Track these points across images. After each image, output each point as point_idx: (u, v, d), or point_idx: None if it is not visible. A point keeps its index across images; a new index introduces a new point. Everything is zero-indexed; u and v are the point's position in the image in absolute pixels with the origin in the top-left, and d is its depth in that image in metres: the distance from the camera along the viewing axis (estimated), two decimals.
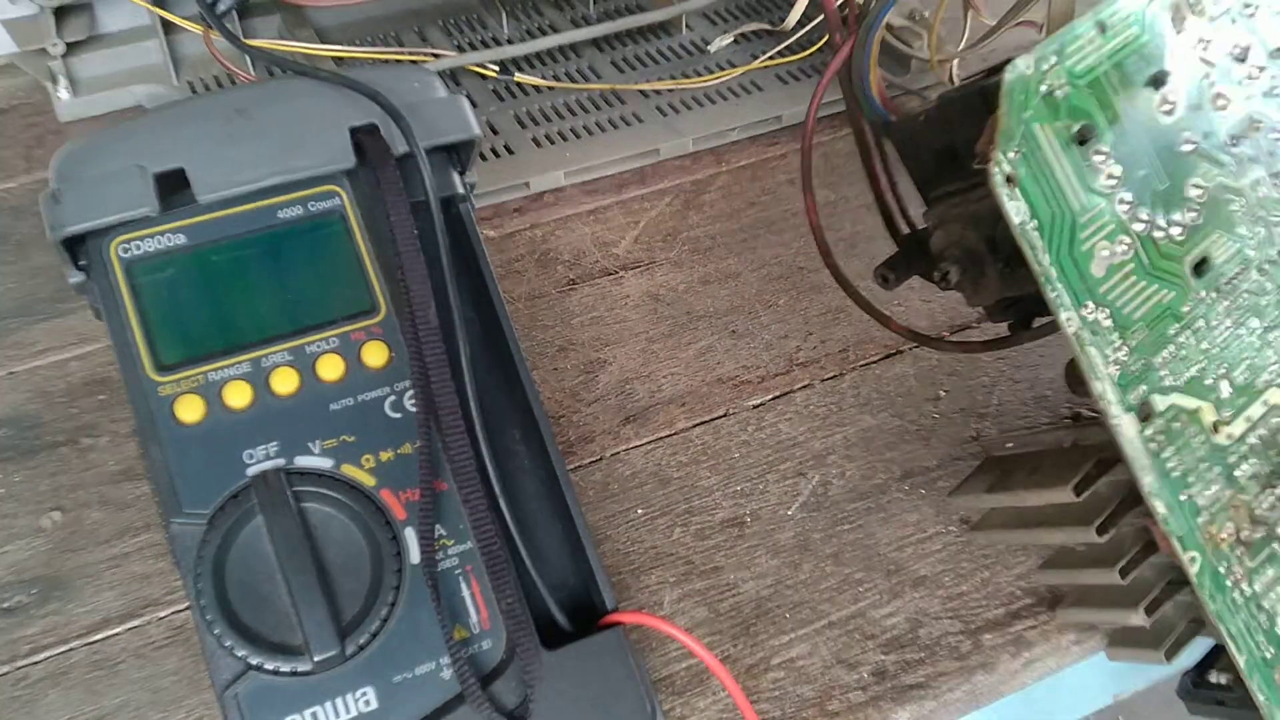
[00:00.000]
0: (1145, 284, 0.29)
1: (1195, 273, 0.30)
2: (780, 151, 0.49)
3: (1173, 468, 0.29)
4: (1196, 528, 0.29)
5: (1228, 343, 0.30)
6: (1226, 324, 0.30)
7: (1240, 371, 0.30)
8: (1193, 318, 0.30)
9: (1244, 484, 0.30)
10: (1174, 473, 0.29)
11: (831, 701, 0.32)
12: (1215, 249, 0.30)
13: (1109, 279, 0.29)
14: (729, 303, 0.43)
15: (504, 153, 0.48)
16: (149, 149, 0.31)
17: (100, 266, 0.30)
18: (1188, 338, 0.30)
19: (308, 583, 0.27)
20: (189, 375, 0.29)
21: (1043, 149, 0.28)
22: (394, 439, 0.30)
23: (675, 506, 0.37)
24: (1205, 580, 0.29)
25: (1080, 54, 0.29)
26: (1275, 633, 0.30)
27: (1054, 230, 0.28)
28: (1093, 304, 0.29)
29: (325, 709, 0.27)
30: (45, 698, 0.32)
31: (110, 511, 0.36)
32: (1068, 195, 0.28)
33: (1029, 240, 0.28)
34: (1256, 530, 0.30)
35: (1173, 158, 0.30)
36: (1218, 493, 0.30)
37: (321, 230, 0.31)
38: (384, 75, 0.33)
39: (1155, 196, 0.29)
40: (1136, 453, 0.29)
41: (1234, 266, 0.30)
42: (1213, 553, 0.30)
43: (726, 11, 0.56)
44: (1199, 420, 0.30)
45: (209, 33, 0.45)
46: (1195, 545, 0.29)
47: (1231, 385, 0.30)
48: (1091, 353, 0.29)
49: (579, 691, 0.29)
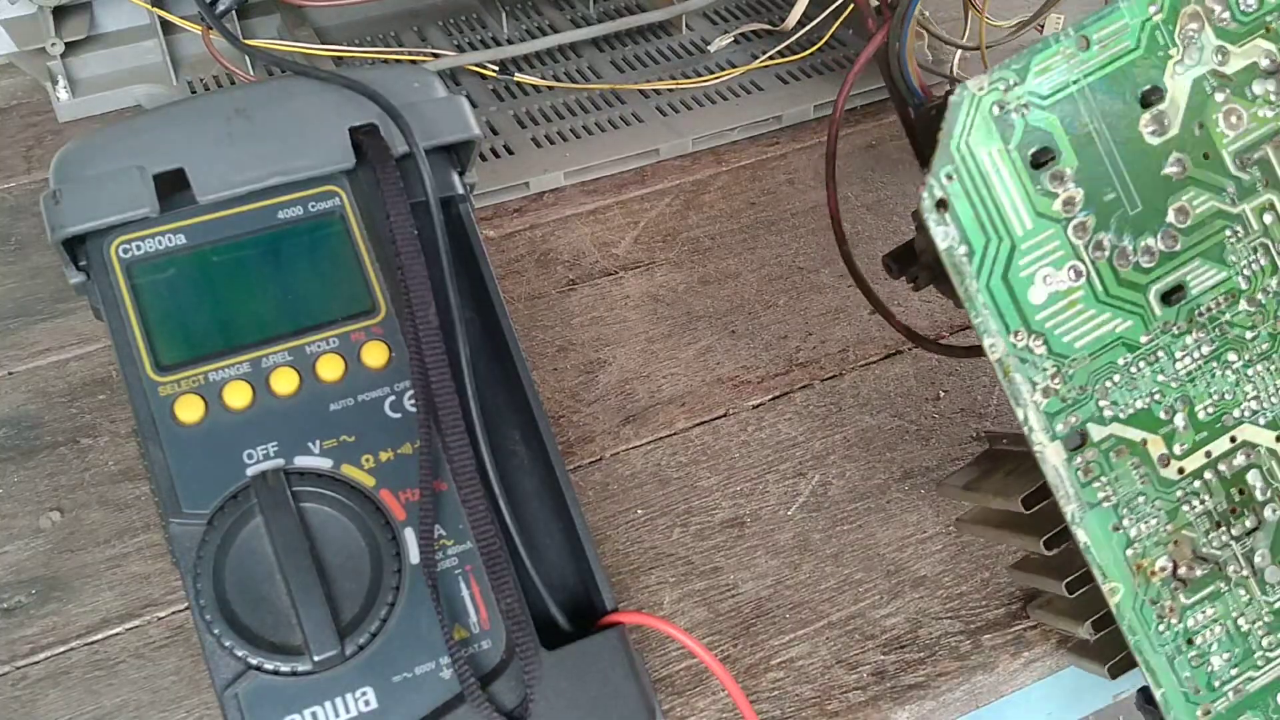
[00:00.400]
0: (1095, 312, 0.28)
1: (1164, 301, 0.29)
2: (780, 152, 0.49)
3: (1105, 498, 0.29)
4: (1124, 559, 0.29)
5: (1193, 375, 0.29)
6: (1195, 356, 0.29)
7: (1205, 405, 0.29)
8: (1152, 348, 0.29)
9: (1191, 520, 0.29)
10: (1105, 503, 0.29)
11: (831, 702, 0.32)
12: (1194, 278, 0.29)
13: (1049, 305, 0.28)
14: (729, 303, 0.43)
15: (504, 153, 0.48)
16: (149, 149, 0.31)
17: (100, 267, 0.30)
18: (1141, 369, 0.29)
19: (307, 583, 0.27)
20: (189, 375, 0.29)
21: (985, 172, 0.27)
22: (394, 439, 0.30)
23: (675, 507, 0.37)
24: (1126, 611, 0.29)
25: (1052, 71, 0.28)
26: (1204, 671, 0.29)
27: (987, 256, 0.27)
28: (1025, 331, 0.28)
29: (325, 709, 0.27)
30: (45, 698, 0.32)
31: (110, 512, 0.36)
32: (1010, 221, 0.27)
33: (955, 265, 0.27)
34: (1199, 567, 0.29)
35: (1153, 180, 0.28)
36: (1156, 526, 0.29)
37: (321, 230, 0.31)
38: (383, 75, 0.33)
39: (1123, 221, 0.28)
40: (1060, 481, 0.28)
41: (1215, 297, 0.29)
42: (1141, 585, 0.29)
43: (727, 11, 0.56)
44: (1144, 452, 0.29)
45: (208, 32, 0.45)
46: (1119, 576, 0.29)
47: (1191, 419, 0.29)
48: (1017, 379, 0.28)
49: (578, 692, 0.29)
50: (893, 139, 0.50)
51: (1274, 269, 0.29)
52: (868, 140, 0.50)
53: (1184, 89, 0.28)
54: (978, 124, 0.27)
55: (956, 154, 0.27)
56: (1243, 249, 0.29)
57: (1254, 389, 0.30)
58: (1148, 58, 0.28)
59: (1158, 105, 0.28)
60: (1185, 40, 0.28)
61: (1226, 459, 0.29)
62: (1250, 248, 0.29)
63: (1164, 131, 0.28)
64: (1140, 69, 0.28)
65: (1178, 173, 0.28)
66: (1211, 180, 0.29)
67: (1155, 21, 0.28)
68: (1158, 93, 0.28)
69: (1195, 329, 0.29)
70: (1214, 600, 0.30)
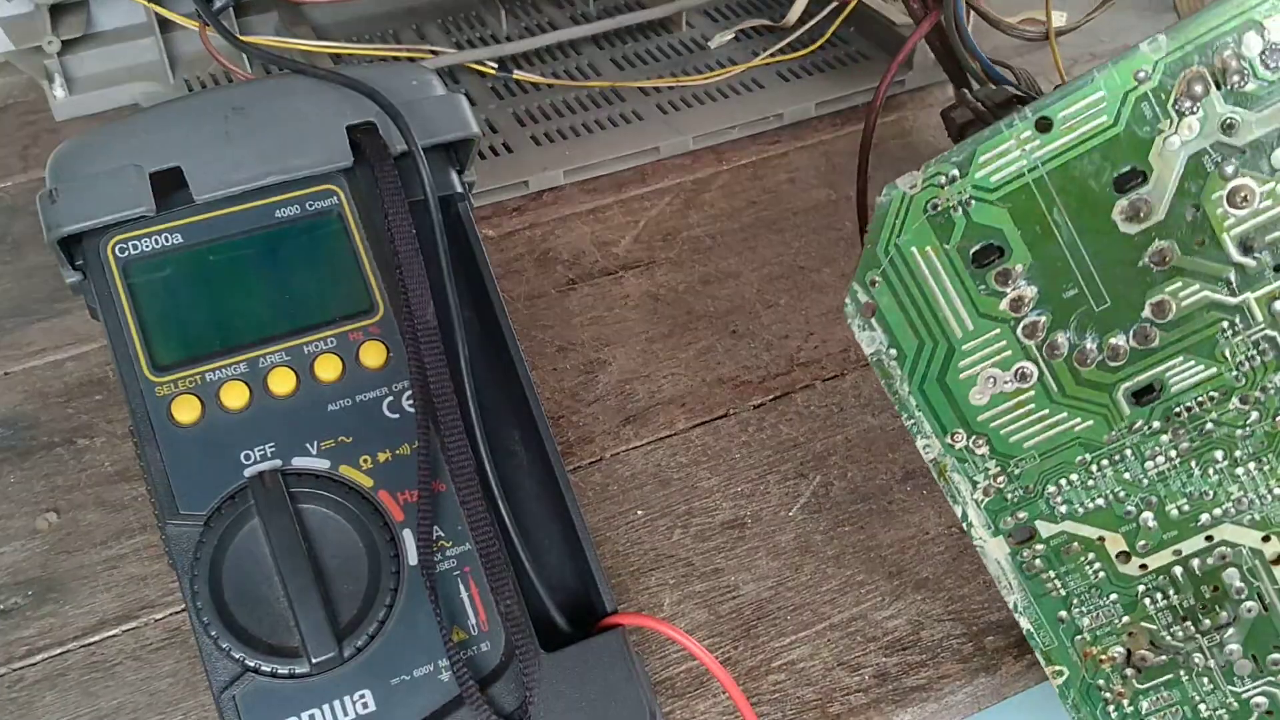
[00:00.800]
0: (1049, 413, 0.27)
1: (1135, 400, 0.26)
2: (782, 150, 0.49)
3: (1052, 589, 0.28)
4: (1071, 645, 0.28)
5: (1165, 476, 0.27)
6: (1170, 456, 0.27)
7: (1179, 504, 0.27)
8: (1116, 447, 0.27)
9: (1152, 613, 0.28)
10: (1053, 593, 0.28)
11: (833, 704, 0.32)
12: (1174, 375, 0.26)
13: (993, 407, 0.26)
14: (730, 302, 0.43)
15: (503, 151, 0.47)
16: (145, 148, 0.31)
17: (97, 266, 0.30)
18: (1103, 467, 0.27)
19: (305, 584, 0.27)
20: (186, 375, 0.29)
21: (918, 274, 0.25)
22: (392, 440, 0.29)
23: (675, 508, 0.36)
24: (1070, 692, 0.28)
25: (1001, 162, 0.25)
26: None
27: (921, 359, 0.26)
28: (964, 432, 0.27)
29: (323, 711, 0.27)
30: (41, 700, 0.32)
31: (106, 513, 0.36)
32: (948, 324, 0.26)
33: (883, 369, 0.26)
34: (1159, 655, 0.28)
35: (1127, 272, 0.25)
36: (1110, 618, 0.28)
37: (319, 229, 0.31)
38: (382, 73, 0.33)
39: (1086, 318, 0.26)
40: (1001, 573, 0.28)
41: (1200, 395, 0.26)
42: (1088, 670, 0.29)
43: (727, 8, 0.56)
44: (1100, 549, 0.28)
45: (205, 30, 0.45)
46: (1065, 661, 0.28)
47: (1160, 518, 0.27)
48: (955, 479, 0.27)
49: (578, 694, 0.29)
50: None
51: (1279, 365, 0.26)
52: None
53: (1175, 167, 0.25)
54: (909, 224, 0.25)
55: (884, 256, 0.25)
56: (1240, 343, 0.26)
57: (1240, 489, 0.27)
58: (1128, 135, 0.25)
59: (1138, 189, 0.25)
60: (1181, 110, 0.24)
61: (1200, 556, 0.28)
62: (1249, 342, 0.26)
63: (1144, 218, 0.25)
64: (1117, 148, 0.25)
65: (1158, 263, 0.25)
66: (1204, 269, 0.25)
67: (1142, 91, 0.24)
68: (1138, 175, 0.25)
69: (1172, 428, 0.27)
70: (1173, 687, 0.29)
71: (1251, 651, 0.28)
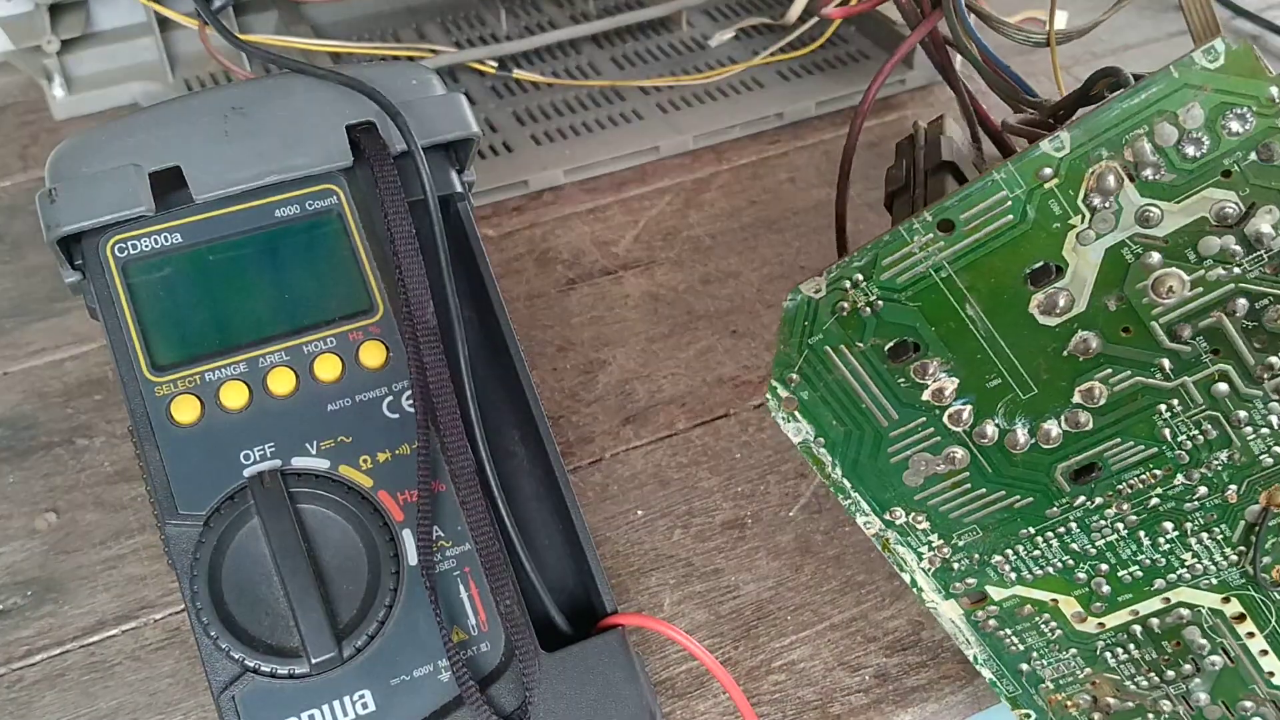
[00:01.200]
0: (985, 491, 0.26)
1: (1074, 479, 0.26)
2: (782, 149, 0.49)
3: (1010, 645, 0.28)
4: (1036, 693, 0.28)
5: (1114, 545, 0.27)
6: (1117, 528, 0.26)
7: (1129, 571, 0.27)
8: (1060, 520, 0.27)
9: (1114, 666, 0.28)
10: (1012, 648, 0.28)
11: (833, 704, 0.32)
12: (1113, 455, 0.26)
13: (928, 488, 0.26)
14: (730, 302, 0.43)
15: (503, 150, 0.47)
16: (145, 147, 0.31)
17: (96, 266, 0.30)
18: (1049, 539, 0.27)
19: (304, 585, 0.27)
20: (185, 375, 0.29)
21: (834, 371, 0.25)
22: (391, 440, 0.29)
23: (675, 508, 0.36)
24: None
25: (904, 265, 0.24)
26: None
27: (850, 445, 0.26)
28: (903, 511, 0.26)
29: (322, 711, 0.27)
30: (41, 700, 0.31)
31: (106, 513, 0.36)
32: (872, 415, 0.26)
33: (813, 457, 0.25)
34: (1126, 701, 0.28)
35: (1052, 361, 0.25)
36: (1072, 669, 0.28)
37: (318, 229, 0.31)
38: (381, 72, 0.33)
39: (1013, 405, 0.25)
40: (958, 630, 0.27)
41: (1141, 473, 0.26)
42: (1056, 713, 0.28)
43: (727, 7, 0.56)
44: (1055, 610, 0.27)
45: (205, 29, 0.45)
46: (1031, 706, 0.28)
47: (1114, 582, 0.27)
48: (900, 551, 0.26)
49: (578, 694, 0.28)
50: (896, 137, 0.50)
51: (1225, 442, 0.25)
52: (869, 139, 0.50)
53: (1092, 261, 0.24)
54: (819, 325, 0.25)
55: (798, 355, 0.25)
56: (1181, 424, 0.25)
57: (1194, 557, 0.27)
58: (1036, 232, 0.24)
59: (1053, 283, 0.24)
60: (1093, 205, 0.23)
61: (1159, 616, 0.28)
62: (1191, 422, 0.25)
63: (1064, 310, 0.24)
64: (1027, 246, 0.24)
65: (1083, 352, 0.25)
66: (1133, 356, 0.25)
67: (1048, 189, 0.23)
68: (1051, 270, 0.24)
69: (1118, 501, 0.26)
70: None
71: (1220, 699, 0.28)
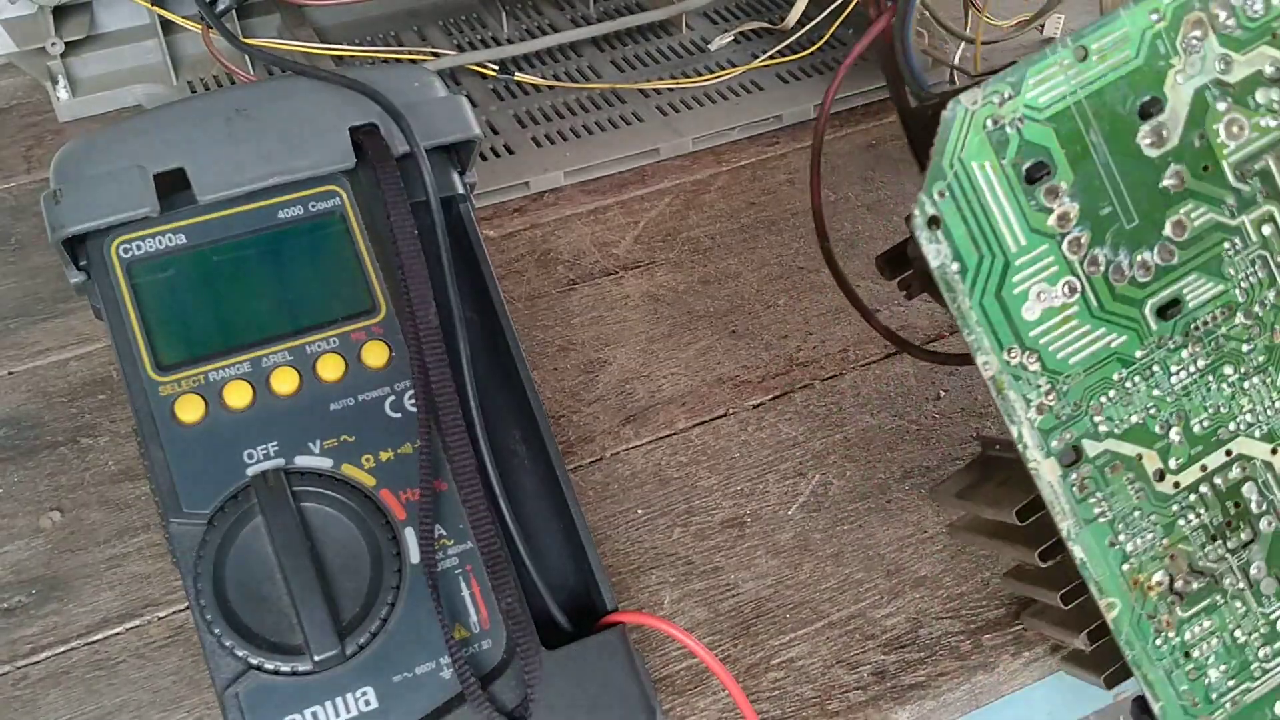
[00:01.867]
0: (1090, 328, 0.28)
1: (1160, 315, 0.28)
2: (781, 151, 0.49)
3: (1100, 513, 0.28)
4: (1120, 574, 0.29)
5: (1189, 390, 0.29)
6: (1191, 370, 0.29)
7: (1201, 419, 0.29)
8: (1147, 363, 0.28)
9: (1187, 534, 0.29)
10: (1101, 519, 0.28)
11: (832, 701, 0.32)
12: (1190, 292, 0.28)
13: (1043, 322, 0.27)
14: (729, 303, 0.43)
15: (504, 152, 0.48)
16: (149, 149, 0.31)
17: (101, 266, 0.30)
18: (1136, 383, 0.28)
19: (307, 582, 0.27)
20: (189, 375, 0.29)
21: (979, 188, 0.27)
22: (394, 439, 0.30)
23: (675, 507, 0.37)
24: (1123, 627, 0.29)
25: (1048, 85, 0.27)
26: (1202, 684, 0.29)
27: (980, 273, 0.27)
28: (1018, 348, 0.27)
29: (325, 709, 0.27)
30: (46, 697, 0.32)
31: (110, 511, 0.36)
32: (1004, 237, 0.27)
33: (947, 282, 0.27)
34: (1195, 581, 0.29)
35: (1151, 193, 0.28)
36: (1152, 541, 0.29)
37: (321, 230, 0.31)
38: (384, 75, 0.33)
39: (1119, 235, 0.28)
40: (1055, 497, 0.28)
41: (1212, 310, 0.29)
42: (1138, 600, 0.29)
43: (727, 10, 0.56)
44: (1139, 467, 0.29)
45: (208, 32, 0.45)
46: (1116, 592, 0.29)
47: (1186, 433, 0.29)
48: (1010, 396, 0.27)
49: (579, 691, 0.29)
50: (893, 139, 0.50)
51: (1272, 281, 0.29)
52: (868, 140, 0.50)
53: (1185, 99, 0.28)
54: (971, 139, 0.27)
55: (949, 170, 0.27)
56: (1241, 262, 0.29)
57: (1249, 402, 0.29)
58: (1147, 67, 0.27)
59: (1156, 117, 0.28)
60: (1187, 48, 0.27)
61: (1222, 472, 0.29)
62: (1248, 260, 0.29)
63: (1162, 143, 0.28)
64: (1139, 79, 0.27)
65: (1175, 185, 0.28)
66: (1210, 192, 0.28)
67: (1157, 29, 0.27)
68: (1157, 104, 0.28)
69: (1191, 343, 0.29)
70: (1211, 613, 0.29)
71: (1275, 570, 0.30)
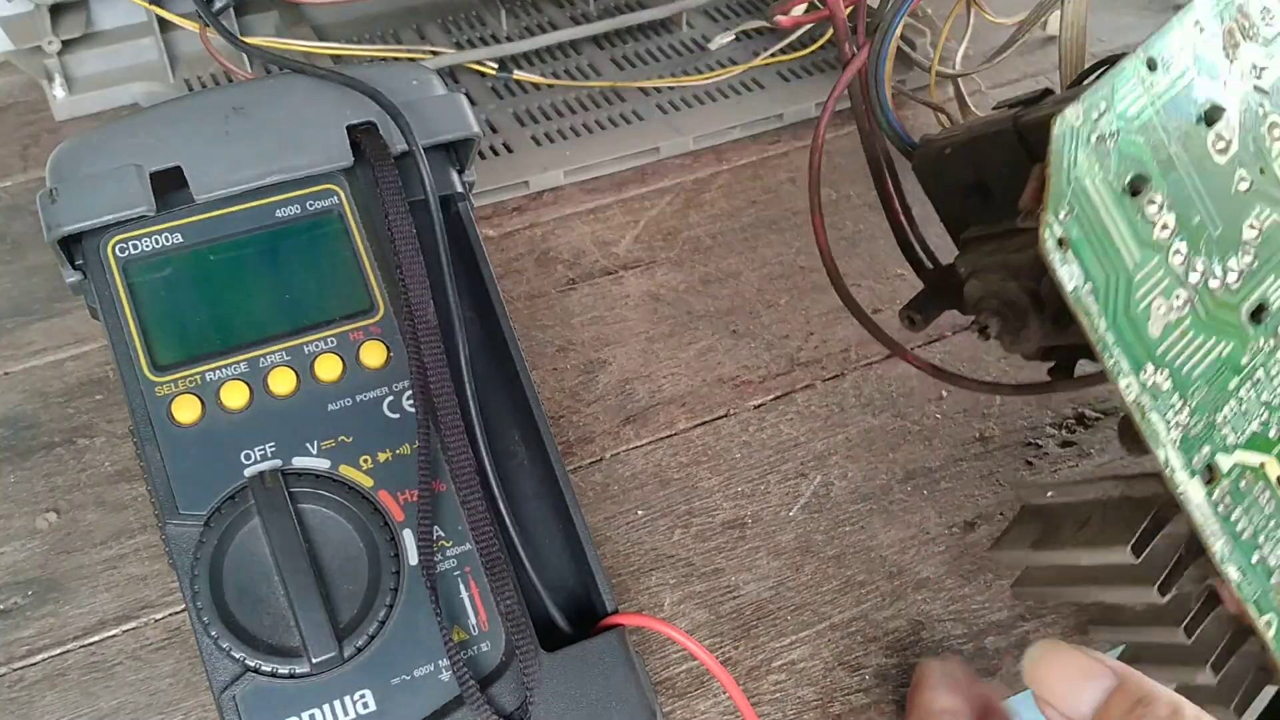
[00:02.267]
0: (1203, 338, 0.28)
1: (1252, 320, 0.28)
2: (782, 150, 0.49)
3: (1242, 530, 0.28)
4: (1271, 589, 0.29)
5: None
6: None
7: None
8: (1252, 368, 0.29)
9: None
10: (1244, 535, 0.28)
11: (833, 704, 0.32)
12: (1272, 293, 0.29)
13: (1167, 337, 0.27)
14: (730, 302, 0.43)
15: (503, 151, 0.47)
16: (145, 147, 0.31)
17: (97, 266, 0.30)
18: (1248, 390, 0.29)
19: (305, 584, 0.27)
20: (186, 375, 0.29)
21: (1094, 206, 0.27)
22: (392, 439, 0.29)
23: (676, 508, 0.36)
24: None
25: (1131, 96, 0.27)
26: None
27: (1109, 292, 0.27)
28: (1152, 366, 0.27)
29: (323, 711, 0.27)
30: (41, 700, 0.31)
31: (106, 513, 0.36)
32: (1122, 253, 0.27)
33: (1084, 306, 0.26)
34: None
35: (1227, 199, 0.28)
36: None
37: (319, 229, 0.31)
38: (382, 73, 0.33)
39: (1210, 243, 0.28)
40: (1206, 519, 0.28)
41: None
42: None
43: (727, 8, 0.56)
44: (1265, 476, 0.29)
45: (205, 30, 0.45)
46: (1271, 607, 0.29)
47: None
48: (1153, 419, 0.27)
49: (578, 694, 0.28)
50: None
51: None
52: None
53: (1236, 105, 0.28)
54: (1081, 156, 0.26)
55: (1068, 188, 0.26)
56: None
57: None
58: (1203, 76, 0.28)
59: (1219, 123, 0.28)
60: (1230, 56, 0.28)
61: None
62: None
63: (1228, 149, 0.28)
64: (1198, 87, 0.28)
65: (1246, 188, 0.28)
66: (1271, 194, 0.28)
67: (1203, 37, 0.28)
68: (1218, 110, 0.28)
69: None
70: None
71: None
